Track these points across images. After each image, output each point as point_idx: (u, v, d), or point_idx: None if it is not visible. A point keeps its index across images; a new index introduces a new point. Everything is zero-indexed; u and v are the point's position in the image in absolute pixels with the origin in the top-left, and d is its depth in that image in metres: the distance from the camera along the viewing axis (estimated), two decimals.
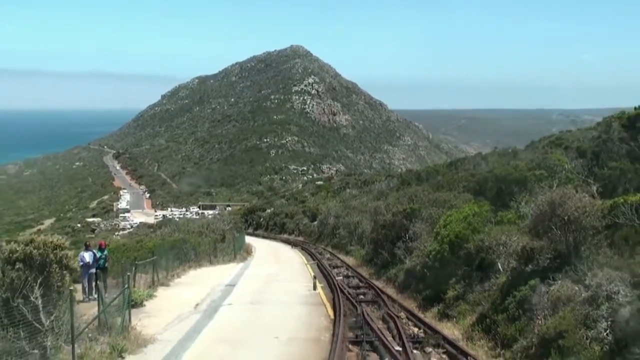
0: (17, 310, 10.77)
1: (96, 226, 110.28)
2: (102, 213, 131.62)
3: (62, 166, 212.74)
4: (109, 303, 13.27)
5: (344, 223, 40.87)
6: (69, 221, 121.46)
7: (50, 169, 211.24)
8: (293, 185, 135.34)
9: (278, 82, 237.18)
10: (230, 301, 18.59)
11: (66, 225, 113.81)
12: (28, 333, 10.91)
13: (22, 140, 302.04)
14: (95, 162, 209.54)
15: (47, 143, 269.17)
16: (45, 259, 11.22)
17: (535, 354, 9.44)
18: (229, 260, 32.71)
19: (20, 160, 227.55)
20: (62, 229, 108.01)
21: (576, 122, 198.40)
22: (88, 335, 12.43)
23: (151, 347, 12.34)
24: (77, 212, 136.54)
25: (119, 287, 17.63)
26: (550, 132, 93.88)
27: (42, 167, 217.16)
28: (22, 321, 10.78)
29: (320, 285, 21.61)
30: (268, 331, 13.62)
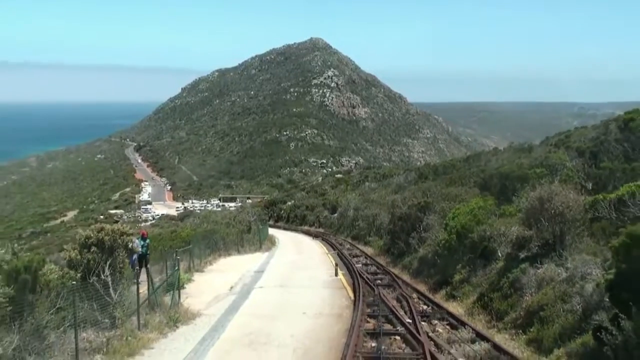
0: (91, 286, 13.00)
1: (119, 218, 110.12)
2: (124, 205, 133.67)
3: (84, 158, 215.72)
4: (162, 282, 15.49)
5: (362, 215, 42.76)
6: (91, 213, 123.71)
7: (72, 161, 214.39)
8: (313, 178, 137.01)
9: (297, 75, 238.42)
10: (261, 285, 20.72)
11: (89, 217, 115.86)
12: (100, 305, 13.12)
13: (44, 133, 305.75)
14: (116, 155, 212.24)
15: (68, 135, 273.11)
16: (113, 244, 13.42)
17: (522, 324, 11.41)
18: (255, 249, 34.87)
19: (42, 153, 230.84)
20: (85, 220, 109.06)
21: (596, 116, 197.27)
22: (144, 310, 14.65)
23: (199, 319, 14.50)
24: (99, 204, 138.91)
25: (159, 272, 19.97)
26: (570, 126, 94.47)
27: (64, 159, 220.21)
28: (95, 295, 13.01)
29: (341, 272, 23.66)
30: (297, 308, 15.71)
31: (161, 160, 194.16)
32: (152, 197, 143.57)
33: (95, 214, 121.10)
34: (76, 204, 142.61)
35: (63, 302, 11.86)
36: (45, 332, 11.26)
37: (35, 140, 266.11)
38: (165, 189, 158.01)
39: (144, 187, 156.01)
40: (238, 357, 10.74)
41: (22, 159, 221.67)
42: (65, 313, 11.98)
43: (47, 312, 11.41)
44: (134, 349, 11.15)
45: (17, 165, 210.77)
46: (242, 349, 11.34)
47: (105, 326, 13.14)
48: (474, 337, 11.24)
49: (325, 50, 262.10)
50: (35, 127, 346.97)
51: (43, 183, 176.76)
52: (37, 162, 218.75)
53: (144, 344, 11.59)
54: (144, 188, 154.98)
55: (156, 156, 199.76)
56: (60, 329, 11.72)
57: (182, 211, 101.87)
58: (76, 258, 12.99)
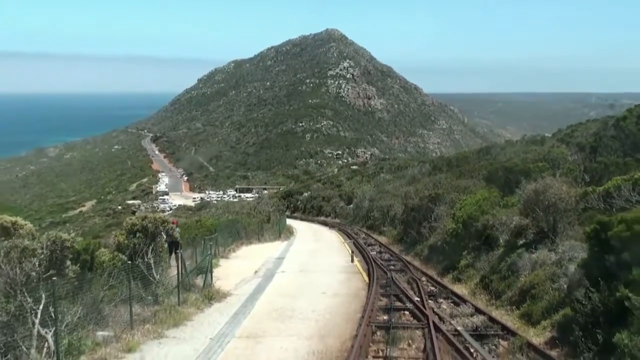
0: (136, 267, 14.77)
1: (136, 208, 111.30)
2: (141, 195, 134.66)
3: (102, 149, 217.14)
4: (197, 265, 17.25)
5: (377, 206, 44.27)
6: (109, 203, 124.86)
7: (90, 152, 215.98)
8: (328, 169, 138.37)
9: (313, 66, 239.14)
10: (283, 269, 22.43)
11: (107, 207, 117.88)
12: (144, 284, 14.90)
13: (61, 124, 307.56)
14: (133, 146, 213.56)
15: (85, 126, 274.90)
16: (155, 230, 15.17)
17: (516, 301, 12.95)
18: (275, 238, 36.62)
19: (60, 144, 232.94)
20: (103, 210, 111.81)
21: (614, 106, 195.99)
22: (180, 290, 16.41)
23: (229, 298, 16.22)
24: (117, 195, 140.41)
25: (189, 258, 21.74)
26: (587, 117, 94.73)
27: (81, 150, 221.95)
28: (140, 275, 14.78)
29: (357, 259, 25.28)
30: (317, 289, 17.37)
31: (178, 151, 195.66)
32: (169, 187, 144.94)
33: (113, 204, 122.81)
34: (94, 194, 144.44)
35: (114, 280, 13.66)
36: (101, 305, 13.05)
37: (52, 131, 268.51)
38: (182, 180, 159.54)
39: (161, 178, 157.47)
40: (268, 327, 12.42)
41: (41, 149, 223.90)
42: (116, 290, 13.79)
43: (102, 288, 13.20)
44: (178, 321, 12.86)
45: (35, 156, 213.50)
46: (271, 321, 13.03)
47: (149, 302, 14.92)
48: (473, 311, 12.82)
49: (341, 41, 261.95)
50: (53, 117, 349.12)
51: (61, 173, 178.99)
52: (56, 152, 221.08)
53: (185, 317, 13.31)
54: (161, 179, 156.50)
55: (173, 147, 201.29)
56: (112, 303, 13.53)
57: (199, 202, 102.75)
58: (124, 242, 14.79)
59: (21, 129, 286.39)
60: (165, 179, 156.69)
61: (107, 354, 10.18)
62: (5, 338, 9.73)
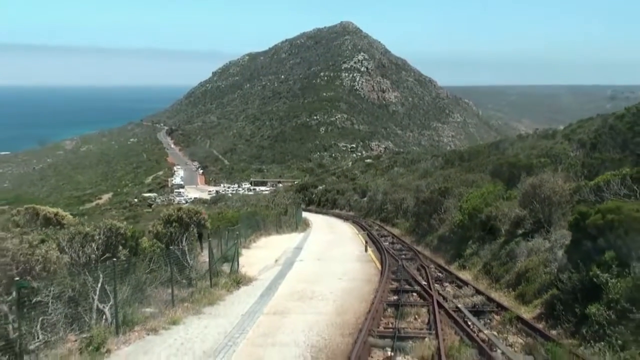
0: (173, 254, 16.48)
1: (152, 201, 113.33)
2: (157, 188, 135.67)
3: (117, 142, 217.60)
4: (224, 253, 18.94)
5: (391, 199, 45.71)
6: (125, 196, 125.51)
7: (106, 144, 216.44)
8: (343, 162, 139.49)
9: (328, 59, 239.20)
10: (301, 258, 24.08)
11: (123, 200, 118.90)
12: (179, 269, 16.61)
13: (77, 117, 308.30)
14: (149, 139, 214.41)
15: (101, 119, 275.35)
16: (189, 221, 16.87)
17: (513, 284, 14.49)
18: (292, 230, 38.25)
19: (76, 136, 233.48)
20: (119, 203, 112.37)
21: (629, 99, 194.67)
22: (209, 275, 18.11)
23: (255, 282, 17.89)
24: (133, 187, 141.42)
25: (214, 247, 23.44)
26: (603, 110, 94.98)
27: (97, 143, 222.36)
28: (176, 261, 16.49)
29: (370, 249, 26.86)
30: (333, 275, 18.99)
31: (193, 144, 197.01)
32: (184, 180, 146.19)
33: (129, 197, 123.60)
34: (110, 187, 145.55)
35: (154, 265, 15.38)
36: (144, 287, 14.77)
37: (69, 124, 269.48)
38: (197, 173, 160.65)
39: (176, 171, 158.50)
40: (291, 306, 14.06)
41: (57, 142, 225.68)
42: (155, 273, 15.51)
43: (144, 271, 14.91)
44: (212, 300, 14.55)
45: (52, 149, 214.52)
46: (294, 301, 14.67)
47: (184, 285, 16.65)
48: (474, 293, 14.35)
49: (355, 34, 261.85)
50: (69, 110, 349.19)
51: (78, 166, 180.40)
52: (72, 145, 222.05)
53: (218, 297, 14.99)
54: (176, 172, 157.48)
55: (188, 140, 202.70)
56: (152, 285, 15.26)
57: (214, 195, 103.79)
58: (162, 231, 16.50)
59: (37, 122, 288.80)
60: (180, 172, 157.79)
61: (157, 325, 11.86)
62: (72, 310, 11.47)
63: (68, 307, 11.49)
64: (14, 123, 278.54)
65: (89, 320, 11.78)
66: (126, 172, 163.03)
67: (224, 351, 10.10)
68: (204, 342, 10.70)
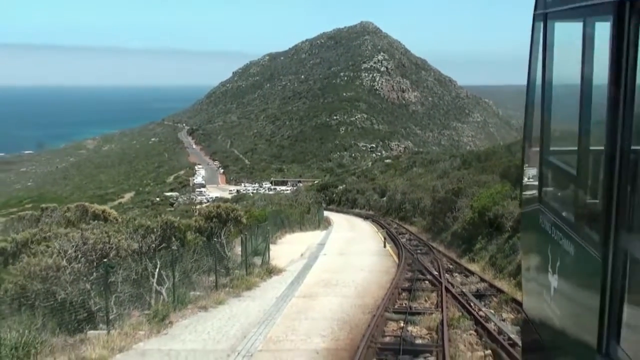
0: (213, 246, 18.67)
1: (174, 200, 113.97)
2: (179, 188, 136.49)
3: (139, 142, 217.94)
4: (254, 247, 21.11)
5: (409, 199, 47.49)
6: (147, 195, 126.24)
7: (127, 144, 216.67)
8: (362, 162, 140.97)
9: (347, 59, 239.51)
10: (324, 252, 26.16)
11: (145, 198, 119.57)
12: (218, 259, 18.79)
13: (99, 116, 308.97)
14: (170, 138, 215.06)
15: (122, 119, 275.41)
16: (227, 217, 19.05)
17: (514, 273, 16.37)
18: (314, 228, 40.36)
19: (98, 136, 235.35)
20: (141, 202, 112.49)
21: None
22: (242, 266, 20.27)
23: (284, 273, 19.99)
24: (154, 187, 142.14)
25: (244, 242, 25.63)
26: None
27: (119, 142, 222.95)
28: (215, 252, 18.68)
29: (389, 245, 28.83)
30: (355, 267, 21.02)
31: (213, 143, 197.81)
32: (205, 180, 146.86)
33: (151, 196, 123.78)
34: (132, 186, 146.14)
35: (197, 255, 17.57)
36: (190, 274, 16.97)
37: (90, 124, 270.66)
38: (218, 172, 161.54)
39: (197, 170, 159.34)
40: (318, 291, 16.13)
41: (79, 141, 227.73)
42: (199, 263, 17.70)
43: (189, 261, 17.10)
44: (248, 286, 16.68)
45: (74, 148, 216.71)
46: (320, 287, 16.74)
47: (222, 274, 18.83)
48: (478, 280, 16.30)
49: (375, 34, 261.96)
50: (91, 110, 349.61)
51: (100, 165, 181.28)
52: (94, 144, 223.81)
53: (253, 284, 17.12)
54: (197, 171, 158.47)
55: (208, 140, 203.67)
56: (196, 272, 17.47)
57: (236, 194, 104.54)
58: (203, 225, 18.71)
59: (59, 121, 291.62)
60: (201, 171, 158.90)
61: (205, 304, 14.02)
62: (135, 290, 13.69)
63: (132, 287, 13.73)
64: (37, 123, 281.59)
65: (149, 300, 14.01)
66: (148, 172, 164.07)
67: (265, 323, 12.21)
68: (248, 317, 12.81)
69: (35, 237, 18.95)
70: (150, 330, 11.46)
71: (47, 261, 11.14)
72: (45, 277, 11.21)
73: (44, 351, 9.27)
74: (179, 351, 10.21)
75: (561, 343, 4.79)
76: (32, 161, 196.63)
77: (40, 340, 9.36)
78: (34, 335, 9.34)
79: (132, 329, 11.17)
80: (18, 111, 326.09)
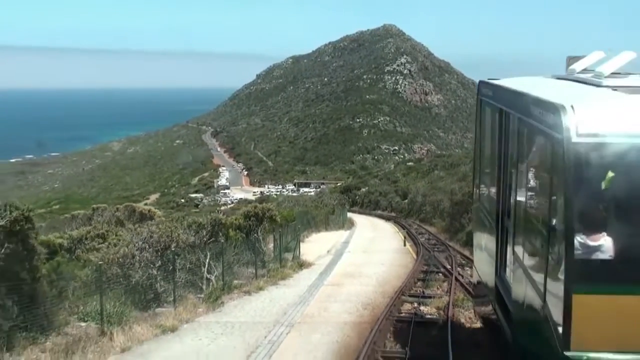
0: (251, 241, 21.13)
1: (199, 201, 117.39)
2: (203, 189, 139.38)
3: (163, 144, 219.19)
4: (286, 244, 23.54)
5: (429, 201, 49.53)
6: (172, 197, 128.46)
7: (152, 146, 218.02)
8: (385, 165, 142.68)
9: (370, 62, 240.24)
10: (349, 250, 28.47)
11: (170, 200, 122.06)
12: (253, 253, 21.22)
13: (124, 119, 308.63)
14: (194, 140, 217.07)
15: (146, 121, 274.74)
16: (263, 216, 21.49)
17: None
18: (339, 228, 42.61)
19: (123, 138, 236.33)
20: (167, 203, 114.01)
21: None
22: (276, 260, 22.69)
23: (313, 266, 22.34)
24: (179, 188, 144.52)
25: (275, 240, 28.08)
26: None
27: (144, 144, 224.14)
28: (253, 247, 21.14)
29: (408, 244, 31.02)
30: (376, 262, 23.28)
31: (237, 146, 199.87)
32: (229, 181, 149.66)
33: (176, 197, 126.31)
34: (157, 187, 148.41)
35: (237, 249, 20.02)
36: (232, 265, 19.42)
37: (115, 126, 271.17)
38: (241, 174, 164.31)
39: (221, 172, 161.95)
40: (344, 281, 18.44)
41: (104, 143, 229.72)
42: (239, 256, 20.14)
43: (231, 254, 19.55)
44: (283, 276, 19.06)
45: (100, 150, 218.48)
46: (346, 278, 19.06)
47: (259, 266, 21.28)
48: None
49: (398, 36, 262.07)
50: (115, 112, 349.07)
51: (126, 167, 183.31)
52: (119, 146, 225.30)
53: (287, 275, 19.50)
54: (221, 173, 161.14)
55: (232, 142, 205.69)
56: (237, 264, 19.92)
57: (259, 196, 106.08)
58: (242, 223, 21.17)
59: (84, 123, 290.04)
60: (225, 173, 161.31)
61: (248, 289, 16.44)
62: (190, 277, 16.17)
63: (188, 274, 16.22)
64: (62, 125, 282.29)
65: (201, 285, 16.49)
66: (172, 173, 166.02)
67: (300, 304, 14.58)
68: (286, 300, 15.20)
69: (89, 234, 21.69)
70: (207, 308, 13.92)
71: (124, 250, 13.65)
72: (122, 263, 13.72)
73: (130, 320, 11.74)
74: (233, 323, 12.62)
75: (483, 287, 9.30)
76: (59, 163, 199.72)
77: (128, 311, 11.86)
78: (122, 308, 11.84)
79: (192, 307, 13.63)
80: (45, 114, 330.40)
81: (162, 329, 11.57)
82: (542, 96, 6.16)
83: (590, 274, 5.05)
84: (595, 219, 5.16)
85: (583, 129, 5.04)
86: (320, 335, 11.39)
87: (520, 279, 6.61)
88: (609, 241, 5.08)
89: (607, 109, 5.33)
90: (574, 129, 5.04)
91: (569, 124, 5.06)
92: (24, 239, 9.33)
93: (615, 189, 5.00)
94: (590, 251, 5.09)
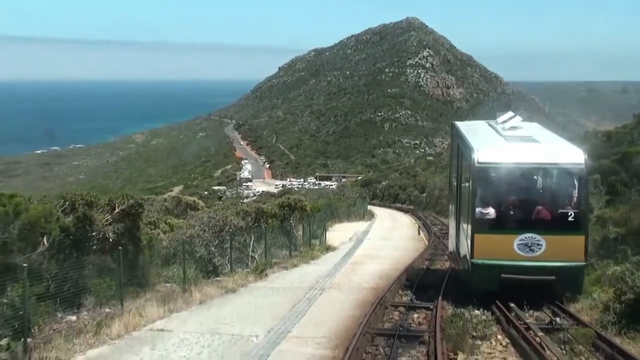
0: (284, 228, 24.81)
1: (222, 194, 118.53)
2: (226, 182, 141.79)
3: (186, 136, 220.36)
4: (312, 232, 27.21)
5: (445, 195, 52.58)
6: (195, 189, 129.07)
7: (175, 138, 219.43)
8: (406, 159, 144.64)
9: (393, 55, 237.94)
10: (368, 237, 32.07)
11: (193, 192, 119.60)
12: (287, 238, 24.90)
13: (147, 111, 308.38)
14: (217, 133, 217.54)
15: (169, 113, 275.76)
16: (295, 206, 25.16)
17: None
18: (359, 219, 46.07)
19: (146, 130, 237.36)
20: (190, 196, 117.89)
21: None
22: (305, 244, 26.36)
23: (337, 250, 25.97)
24: (202, 181, 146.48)
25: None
26: None
27: (167, 136, 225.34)
28: (286, 232, 24.83)
29: (423, 234, 34.61)
30: (393, 248, 26.88)
31: (260, 139, 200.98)
32: (252, 174, 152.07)
33: (200, 189, 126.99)
34: (181, 179, 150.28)
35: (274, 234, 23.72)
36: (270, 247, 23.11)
37: (138, 118, 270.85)
38: (264, 167, 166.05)
39: (244, 165, 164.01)
40: (365, 260, 22.07)
41: (128, 135, 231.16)
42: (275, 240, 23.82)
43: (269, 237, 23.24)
44: (313, 257, 22.71)
45: (123, 142, 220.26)
46: (366, 258, 22.69)
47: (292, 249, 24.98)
48: None
49: (420, 29, 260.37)
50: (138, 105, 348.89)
51: (149, 159, 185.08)
52: (142, 138, 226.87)
53: (316, 256, 23.15)
54: (244, 166, 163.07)
55: (255, 135, 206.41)
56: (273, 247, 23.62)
57: (281, 189, 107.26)
58: (277, 212, 24.86)
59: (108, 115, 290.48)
60: (248, 166, 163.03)
61: (286, 265, 20.13)
62: (239, 254, 19.89)
63: (236, 252, 19.95)
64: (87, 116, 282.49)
65: (247, 262, 20.21)
66: (196, 166, 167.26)
67: (329, 276, 18.23)
68: (317, 273, 18.84)
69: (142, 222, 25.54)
70: (255, 277, 17.63)
71: (191, 231, 17.43)
72: (189, 242, 17.49)
73: (200, 283, 15.49)
74: (277, 287, 16.32)
75: (456, 256, 15.26)
76: (84, 154, 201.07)
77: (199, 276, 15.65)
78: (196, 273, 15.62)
79: (244, 276, 17.36)
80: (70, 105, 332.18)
81: (225, 290, 15.29)
82: (470, 140, 13.29)
83: (482, 225, 12.46)
84: (486, 200, 12.57)
85: (481, 159, 12.57)
86: (346, 295, 15.04)
87: (459, 233, 14.05)
88: (492, 211, 12.46)
89: (493, 150, 12.88)
90: (477, 159, 12.56)
91: (475, 157, 12.60)
92: (135, 219, 13.03)
93: (495, 187, 12.70)
94: (483, 215, 12.49)
